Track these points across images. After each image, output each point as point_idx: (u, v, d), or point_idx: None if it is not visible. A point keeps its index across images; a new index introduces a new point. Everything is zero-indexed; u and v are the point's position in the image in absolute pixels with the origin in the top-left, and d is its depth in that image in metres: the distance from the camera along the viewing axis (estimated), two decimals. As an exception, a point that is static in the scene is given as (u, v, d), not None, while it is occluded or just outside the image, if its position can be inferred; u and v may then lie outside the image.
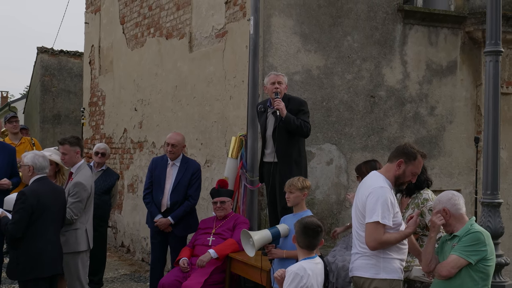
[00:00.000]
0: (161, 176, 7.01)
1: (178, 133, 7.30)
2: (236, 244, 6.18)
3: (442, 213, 4.45)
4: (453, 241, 4.51)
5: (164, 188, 6.94)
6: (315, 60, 7.45)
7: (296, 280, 4.20)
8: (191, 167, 7.00)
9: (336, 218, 7.52)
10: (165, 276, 6.42)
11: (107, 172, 7.99)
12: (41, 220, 5.36)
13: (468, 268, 4.34)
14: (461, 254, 4.34)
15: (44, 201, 5.38)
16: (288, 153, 6.16)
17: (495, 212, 5.24)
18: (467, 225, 4.49)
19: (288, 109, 6.08)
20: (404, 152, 4.50)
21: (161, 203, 6.93)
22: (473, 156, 8.30)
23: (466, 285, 4.35)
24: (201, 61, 8.56)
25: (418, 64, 8.11)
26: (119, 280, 8.92)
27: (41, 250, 5.38)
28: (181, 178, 6.91)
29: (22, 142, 9.39)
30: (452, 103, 8.35)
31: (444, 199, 4.52)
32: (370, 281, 4.41)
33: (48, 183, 5.60)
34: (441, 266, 4.41)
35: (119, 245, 11.28)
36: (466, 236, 4.40)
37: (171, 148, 6.91)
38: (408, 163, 4.46)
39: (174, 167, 6.99)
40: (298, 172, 6.01)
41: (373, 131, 7.79)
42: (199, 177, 7.08)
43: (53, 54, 19.56)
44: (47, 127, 19.64)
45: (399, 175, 4.47)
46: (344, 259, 5.70)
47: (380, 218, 4.30)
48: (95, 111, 12.62)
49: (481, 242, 4.36)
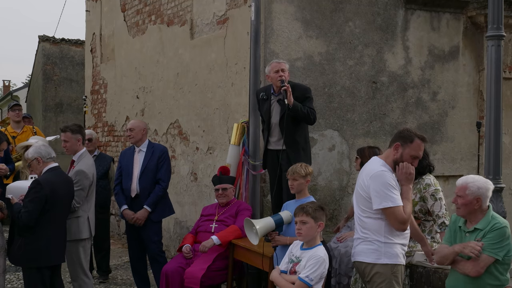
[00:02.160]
0: (128, 163, 7.08)
1: (139, 120, 7.50)
2: (238, 230, 6.19)
3: (475, 203, 4.36)
4: (475, 235, 4.40)
5: (132, 175, 6.99)
6: (316, 46, 7.43)
7: (322, 265, 4.27)
8: (157, 151, 7.04)
9: (339, 204, 7.52)
10: (168, 263, 6.44)
11: (100, 157, 8.02)
12: (52, 210, 5.41)
13: (495, 264, 4.31)
14: (490, 253, 4.27)
15: (57, 192, 5.44)
16: (296, 140, 6.16)
17: (497, 197, 5.24)
18: (487, 217, 4.39)
19: (294, 96, 6.02)
20: (400, 135, 4.51)
21: (130, 189, 6.97)
22: (476, 142, 8.29)
23: (491, 279, 4.33)
24: (202, 48, 8.54)
25: (420, 50, 8.08)
26: (122, 267, 8.95)
27: (49, 239, 5.44)
28: (147, 162, 6.95)
29: (24, 131, 9.42)
30: (454, 89, 8.33)
31: (483, 189, 4.38)
32: (372, 266, 4.42)
33: (60, 173, 5.66)
34: (469, 266, 4.33)
35: (123, 232, 11.31)
36: (493, 232, 4.31)
37: (129, 132, 7.04)
38: (404, 146, 4.44)
39: (141, 153, 7.04)
40: (305, 158, 6.03)
41: (375, 117, 7.78)
42: (166, 159, 7.08)
43: (54, 43, 19.55)
44: (50, 115, 19.67)
45: (397, 159, 4.47)
46: (346, 245, 5.71)
47: (391, 203, 4.31)
48: (97, 99, 12.61)
49: (507, 237, 4.31)
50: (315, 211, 4.38)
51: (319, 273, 4.22)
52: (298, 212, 4.42)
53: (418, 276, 5.22)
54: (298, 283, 4.22)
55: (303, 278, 4.19)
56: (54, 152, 5.71)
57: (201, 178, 8.55)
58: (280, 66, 6.13)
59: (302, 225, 4.34)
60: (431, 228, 5.49)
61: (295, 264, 4.35)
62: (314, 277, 4.20)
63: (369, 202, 4.43)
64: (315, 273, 4.20)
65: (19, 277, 7.90)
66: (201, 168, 8.56)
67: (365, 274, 4.49)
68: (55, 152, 5.84)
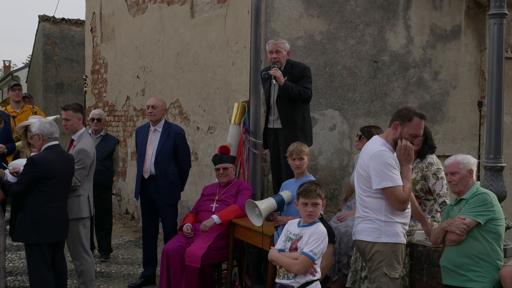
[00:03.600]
0: (143, 143, 6.97)
1: (159, 98, 7.30)
2: (239, 210, 6.20)
3: (468, 175, 4.60)
4: (460, 205, 4.56)
5: (146, 154, 6.89)
6: (317, 25, 7.38)
7: (324, 241, 4.26)
8: (173, 132, 6.90)
9: (339, 183, 7.53)
10: (168, 242, 6.45)
11: (106, 138, 8.03)
12: (49, 187, 5.43)
13: (478, 229, 4.39)
14: (468, 215, 4.38)
15: (53, 169, 5.45)
16: (293, 119, 6.18)
17: (497, 176, 5.23)
18: (472, 188, 4.57)
19: (291, 75, 6.09)
20: (399, 114, 4.51)
21: (143, 170, 6.90)
22: (477, 122, 8.28)
23: (478, 247, 4.39)
24: (203, 27, 8.49)
25: (422, 29, 8.03)
26: (124, 246, 8.99)
27: (48, 216, 5.47)
28: (164, 143, 6.83)
29: (24, 111, 9.40)
30: (456, 68, 8.29)
31: (472, 160, 4.69)
32: (372, 245, 4.44)
33: (58, 151, 5.65)
34: (452, 234, 4.45)
35: (124, 212, 11.35)
36: (473, 198, 4.48)
37: (151, 110, 6.86)
38: (403, 125, 4.44)
39: (156, 133, 6.91)
40: (303, 138, 6.04)
41: (376, 97, 7.75)
42: (185, 141, 7.01)
43: (54, 23, 19.47)
44: (50, 96, 19.64)
45: (396, 138, 4.47)
46: (346, 224, 5.72)
47: (390, 182, 4.32)
48: (98, 79, 12.58)
49: (489, 203, 4.43)
50: (323, 191, 4.40)
51: (321, 248, 4.24)
52: (309, 194, 4.34)
53: (418, 255, 5.23)
54: (302, 257, 4.22)
55: (307, 252, 4.21)
56: (58, 133, 5.68)
57: (202, 158, 8.55)
58: (275, 47, 6.17)
59: (314, 207, 4.33)
60: (432, 207, 5.50)
61: (296, 241, 4.35)
62: (318, 251, 4.22)
63: (369, 181, 4.43)
64: (318, 247, 4.22)
65: (21, 256, 7.95)
66: (201, 148, 8.56)
67: (365, 253, 4.51)
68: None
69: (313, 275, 4.27)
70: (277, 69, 6.06)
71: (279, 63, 6.15)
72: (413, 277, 5.22)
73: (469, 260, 4.40)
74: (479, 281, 4.36)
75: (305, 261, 4.23)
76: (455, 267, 4.46)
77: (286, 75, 6.12)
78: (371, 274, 4.51)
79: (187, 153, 7.05)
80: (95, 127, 7.93)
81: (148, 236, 7.10)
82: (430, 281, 5.08)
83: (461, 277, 4.42)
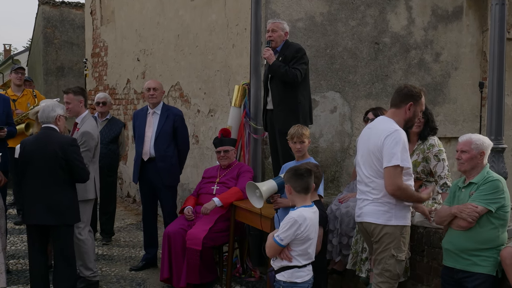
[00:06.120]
0: (141, 125, 6.94)
1: (158, 80, 7.29)
2: (240, 192, 6.20)
3: (478, 157, 4.47)
4: (470, 189, 4.48)
5: (145, 136, 6.86)
6: (318, 6, 7.33)
7: (294, 227, 4.18)
8: (172, 113, 6.88)
9: (340, 166, 7.52)
10: (170, 225, 6.47)
11: (112, 121, 8.03)
12: (27, 171, 5.44)
13: (488, 216, 4.33)
14: (480, 202, 4.32)
15: (29, 153, 5.43)
16: (284, 101, 6.07)
17: (499, 157, 5.22)
18: (483, 172, 4.47)
19: (284, 55, 6.04)
20: (410, 94, 4.51)
21: (142, 152, 6.87)
22: (478, 103, 8.25)
23: (487, 233, 4.34)
24: (203, 9, 8.44)
25: (423, 10, 7.98)
26: (125, 229, 9.03)
27: (25, 199, 5.52)
28: (163, 125, 6.80)
29: (24, 94, 9.39)
30: (457, 49, 8.25)
31: (487, 143, 4.54)
32: (381, 227, 4.44)
33: (41, 134, 5.53)
34: (462, 219, 4.38)
35: (125, 195, 11.37)
36: (485, 185, 4.38)
37: (153, 92, 6.82)
38: (416, 104, 4.52)
39: (155, 116, 6.88)
40: (293, 119, 5.89)
41: (377, 78, 7.72)
42: (184, 123, 7.00)
43: (54, 6, 19.34)
44: (51, 79, 19.58)
45: (410, 118, 4.52)
46: (347, 205, 5.72)
47: (400, 161, 4.31)
48: (98, 62, 12.54)
49: (500, 190, 4.35)
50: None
51: (290, 234, 4.18)
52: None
53: (418, 237, 5.23)
54: (269, 241, 4.28)
55: (275, 237, 4.23)
56: (54, 118, 5.56)
57: (203, 141, 8.54)
58: (272, 26, 6.15)
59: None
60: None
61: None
62: (284, 237, 4.18)
63: (382, 161, 4.41)
64: (285, 233, 4.18)
65: (23, 239, 7.98)
66: (202, 131, 8.55)
67: (373, 235, 4.51)
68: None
69: (289, 261, 4.25)
70: (268, 48, 6.01)
71: (274, 42, 6.09)
72: (414, 259, 5.22)
73: (474, 245, 4.34)
74: (483, 265, 4.32)
75: (271, 245, 4.27)
76: (459, 251, 4.41)
77: (281, 55, 6.07)
78: (378, 256, 4.51)
79: (186, 135, 7.04)
80: (100, 110, 7.94)
81: (147, 219, 7.11)
82: (430, 262, 5.08)
83: (465, 261, 4.38)
